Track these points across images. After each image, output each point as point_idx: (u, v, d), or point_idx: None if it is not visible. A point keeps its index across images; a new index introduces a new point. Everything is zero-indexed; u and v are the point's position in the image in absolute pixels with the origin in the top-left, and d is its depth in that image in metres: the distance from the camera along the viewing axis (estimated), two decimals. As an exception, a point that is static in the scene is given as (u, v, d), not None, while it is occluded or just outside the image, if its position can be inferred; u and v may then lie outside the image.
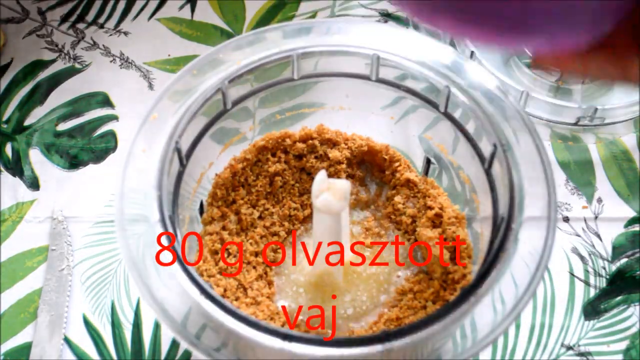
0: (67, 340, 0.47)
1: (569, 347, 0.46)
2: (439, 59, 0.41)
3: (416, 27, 0.61)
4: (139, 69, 0.59)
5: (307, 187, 0.46)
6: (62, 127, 0.56)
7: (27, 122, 0.56)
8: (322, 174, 0.37)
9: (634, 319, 0.47)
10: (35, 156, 0.55)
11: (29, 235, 0.51)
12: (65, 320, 0.47)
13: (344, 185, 0.37)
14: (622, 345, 0.46)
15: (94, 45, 0.61)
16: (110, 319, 0.47)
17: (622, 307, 0.48)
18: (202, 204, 0.44)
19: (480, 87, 0.40)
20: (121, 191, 0.37)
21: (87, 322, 0.47)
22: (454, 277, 0.40)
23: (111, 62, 0.60)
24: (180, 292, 0.34)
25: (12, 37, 0.61)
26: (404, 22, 0.61)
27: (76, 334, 0.47)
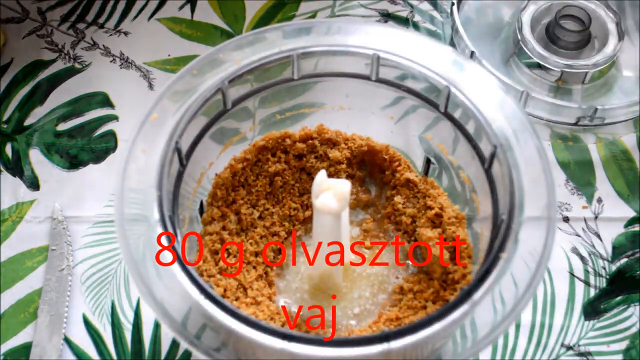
0: (67, 340, 0.47)
1: (569, 347, 0.46)
2: (439, 58, 0.41)
3: (416, 27, 0.61)
4: (139, 69, 0.59)
5: (307, 187, 0.46)
6: (62, 127, 0.56)
7: (27, 122, 0.56)
8: (322, 174, 0.37)
9: (634, 319, 0.47)
10: (35, 156, 0.55)
11: (29, 235, 0.51)
12: (65, 320, 0.47)
13: (344, 185, 0.37)
14: (622, 345, 0.46)
15: (94, 45, 0.61)
16: (110, 319, 0.47)
17: (622, 307, 0.48)
18: (202, 204, 0.44)
19: (480, 87, 0.40)
20: (121, 191, 0.37)
21: (87, 322, 0.47)
22: (454, 277, 0.40)
23: (111, 62, 0.60)
24: (180, 292, 0.34)
25: (12, 37, 0.61)
26: (404, 22, 0.61)
27: (76, 334, 0.47)
